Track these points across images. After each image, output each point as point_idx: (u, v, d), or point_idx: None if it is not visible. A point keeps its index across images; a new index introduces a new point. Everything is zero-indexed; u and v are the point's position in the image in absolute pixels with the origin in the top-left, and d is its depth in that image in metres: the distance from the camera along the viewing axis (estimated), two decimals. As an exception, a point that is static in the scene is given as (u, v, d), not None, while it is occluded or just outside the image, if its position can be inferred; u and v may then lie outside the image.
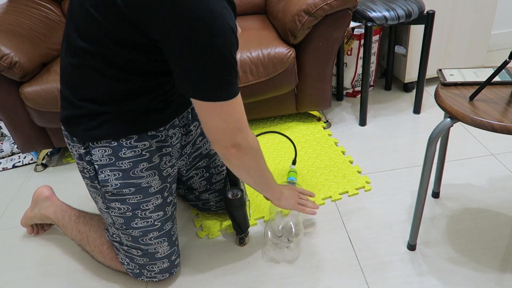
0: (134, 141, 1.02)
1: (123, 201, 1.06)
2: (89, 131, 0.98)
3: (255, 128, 1.92)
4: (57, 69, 1.61)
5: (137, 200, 1.06)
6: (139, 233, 1.09)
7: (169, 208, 1.13)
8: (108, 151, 1.00)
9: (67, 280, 1.27)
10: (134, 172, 1.03)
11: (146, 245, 1.11)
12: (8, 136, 1.93)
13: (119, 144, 1.00)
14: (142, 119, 1.01)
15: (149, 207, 1.08)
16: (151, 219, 1.09)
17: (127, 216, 1.07)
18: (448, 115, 0.97)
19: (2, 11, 1.69)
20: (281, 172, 1.60)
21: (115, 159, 1.01)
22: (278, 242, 1.22)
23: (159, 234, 1.11)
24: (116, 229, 1.12)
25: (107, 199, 1.06)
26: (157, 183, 1.08)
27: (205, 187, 1.31)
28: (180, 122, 1.16)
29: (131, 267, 1.16)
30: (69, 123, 1.01)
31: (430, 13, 1.65)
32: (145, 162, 1.04)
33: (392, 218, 1.34)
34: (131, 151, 1.02)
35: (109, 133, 0.99)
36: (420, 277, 1.14)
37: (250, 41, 1.64)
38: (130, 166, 1.03)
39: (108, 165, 1.02)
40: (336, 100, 2.10)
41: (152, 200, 1.08)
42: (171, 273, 1.18)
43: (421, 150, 1.66)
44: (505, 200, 1.37)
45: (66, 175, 1.77)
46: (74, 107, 0.97)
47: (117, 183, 1.03)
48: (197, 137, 1.24)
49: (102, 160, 1.01)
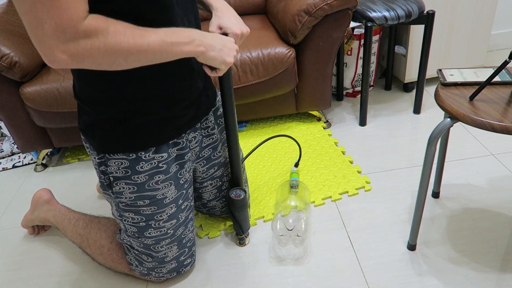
0: (152, 153, 0.99)
1: (137, 212, 1.04)
2: (107, 145, 0.95)
3: (255, 128, 1.92)
4: (57, 69, 1.61)
5: (151, 212, 1.04)
6: (151, 241, 1.09)
7: (182, 214, 1.11)
8: (125, 163, 0.98)
9: (67, 280, 1.27)
10: (149, 185, 1.01)
11: (157, 252, 1.11)
12: (8, 136, 1.93)
13: (137, 157, 0.97)
14: (160, 128, 0.97)
15: (163, 217, 1.07)
16: (165, 228, 1.08)
17: (141, 226, 1.06)
18: (448, 115, 0.97)
19: (2, 11, 1.69)
20: (282, 173, 1.60)
21: (131, 172, 0.98)
22: (286, 236, 1.22)
23: (170, 240, 1.11)
24: (127, 236, 1.11)
25: (120, 208, 1.05)
26: (172, 193, 1.06)
27: (214, 195, 1.29)
28: (201, 125, 1.13)
29: (139, 269, 1.16)
30: (85, 132, 0.98)
31: (430, 13, 1.65)
32: (161, 174, 1.01)
33: (392, 218, 1.34)
34: (148, 164, 0.99)
35: (128, 146, 0.96)
36: (420, 277, 1.14)
37: (250, 41, 1.65)
38: (145, 179, 1.00)
39: (124, 178, 0.99)
40: (336, 100, 2.10)
41: (166, 210, 1.06)
42: (179, 272, 1.18)
43: (421, 150, 1.66)
44: (505, 200, 1.37)
45: (66, 175, 1.77)
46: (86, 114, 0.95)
47: (131, 196, 1.01)
48: (219, 142, 1.20)
49: (118, 172, 0.99)
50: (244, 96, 1.67)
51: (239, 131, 1.90)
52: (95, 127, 0.95)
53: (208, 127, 1.15)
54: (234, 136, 1.15)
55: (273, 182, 1.56)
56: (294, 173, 1.51)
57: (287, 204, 1.31)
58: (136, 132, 0.95)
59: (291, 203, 1.31)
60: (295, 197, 1.35)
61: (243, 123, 1.95)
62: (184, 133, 1.04)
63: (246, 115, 1.82)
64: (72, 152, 1.92)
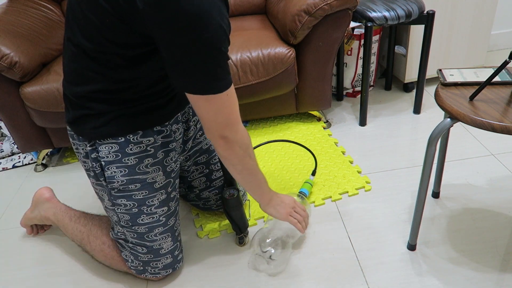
0: (140, 137, 1.04)
1: (129, 197, 1.07)
2: (97, 129, 1.00)
3: (255, 128, 1.92)
4: (57, 69, 1.61)
5: (142, 196, 1.08)
6: (145, 229, 1.11)
7: (172, 203, 1.15)
8: (115, 147, 1.03)
9: (67, 280, 1.27)
10: (139, 168, 1.05)
11: (151, 242, 1.12)
12: (8, 136, 1.93)
13: (126, 140, 1.03)
14: (147, 115, 1.03)
15: (154, 203, 1.10)
16: (156, 214, 1.11)
17: (133, 212, 1.09)
18: (448, 115, 0.97)
19: (2, 11, 1.69)
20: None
21: (121, 155, 1.03)
22: (262, 254, 1.17)
23: (163, 229, 1.13)
24: (121, 226, 1.13)
25: (113, 195, 1.08)
26: (161, 179, 1.10)
27: (205, 184, 1.32)
28: (182, 118, 1.18)
29: (135, 264, 1.16)
30: (75, 123, 1.02)
31: (430, 13, 1.65)
32: (150, 158, 1.06)
33: (392, 218, 1.34)
34: (137, 147, 1.04)
35: (117, 129, 1.01)
36: (420, 277, 1.14)
37: (250, 41, 1.64)
38: (135, 162, 1.05)
39: (115, 162, 1.04)
40: (336, 100, 2.10)
41: (157, 196, 1.10)
42: (174, 268, 1.19)
43: (421, 150, 1.66)
44: (505, 200, 1.37)
45: (66, 175, 1.77)
46: (80, 107, 0.99)
47: (123, 179, 1.05)
48: (197, 132, 1.26)
49: (109, 156, 1.03)
50: (244, 96, 1.67)
51: (239, 131, 1.90)
52: (85, 117, 1.00)
53: (187, 119, 1.21)
54: None
55: (272, 183, 1.56)
56: (307, 184, 1.42)
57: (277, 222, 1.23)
58: (124, 118, 1.01)
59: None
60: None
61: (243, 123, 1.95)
62: (167, 122, 1.10)
63: (246, 115, 1.82)
64: (72, 152, 1.92)
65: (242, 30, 1.78)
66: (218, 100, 0.89)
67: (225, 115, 0.92)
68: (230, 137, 0.96)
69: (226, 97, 0.90)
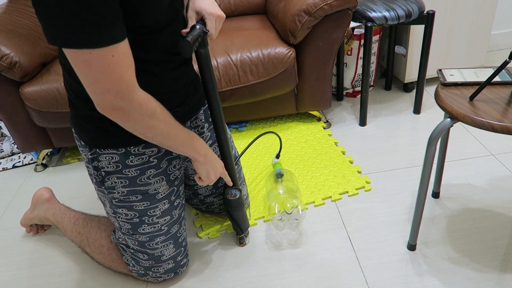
0: (142, 148, 1.00)
1: (130, 208, 1.05)
2: (98, 139, 0.96)
3: (255, 128, 1.92)
4: (57, 69, 1.61)
5: (144, 207, 1.05)
6: (146, 238, 1.09)
7: (176, 211, 1.12)
8: (115, 158, 0.99)
9: (67, 280, 1.27)
10: (141, 180, 1.02)
11: (152, 249, 1.11)
12: (8, 136, 1.93)
13: (127, 151, 0.98)
14: None
15: (156, 213, 1.07)
16: (158, 224, 1.08)
17: (134, 222, 1.07)
18: (448, 115, 0.97)
19: (2, 11, 1.69)
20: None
21: (122, 166, 0.99)
22: (284, 220, 1.26)
23: (165, 238, 1.11)
24: (122, 233, 1.11)
25: (114, 204, 1.06)
26: (164, 189, 1.06)
27: (210, 191, 1.30)
28: (191, 124, 1.14)
29: (136, 268, 1.16)
30: (77, 126, 0.98)
31: (430, 13, 1.65)
32: (152, 169, 1.02)
33: (392, 218, 1.34)
34: (138, 159, 1.00)
35: (118, 140, 0.97)
36: (420, 277, 1.14)
37: (250, 41, 1.65)
38: (137, 174, 1.01)
39: (115, 173, 1.00)
40: (336, 100, 2.10)
41: (159, 206, 1.07)
42: (177, 272, 1.18)
43: (421, 150, 1.66)
44: (505, 200, 1.37)
45: (66, 175, 1.77)
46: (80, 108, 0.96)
47: (124, 190, 1.02)
48: (207, 140, 1.21)
49: (109, 167, 1.00)
50: (244, 96, 1.67)
51: (239, 132, 1.90)
52: (86, 121, 0.96)
53: (198, 125, 1.16)
54: (224, 135, 1.14)
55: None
56: (276, 164, 1.56)
57: (277, 193, 1.34)
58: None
59: (280, 191, 1.36)
60: (282, 186, 1.38)
61: (243, 123, 1.95)
62: None
63: (246, 115, 1.82)
64: (72, 152, 1.92)
65: (242, 30, 1.78)
66: (99, 58, 0.73)
67: (111, 82, 0.76)
68: (125, 108, 0.80)
69: (110, 54, 0.73)
